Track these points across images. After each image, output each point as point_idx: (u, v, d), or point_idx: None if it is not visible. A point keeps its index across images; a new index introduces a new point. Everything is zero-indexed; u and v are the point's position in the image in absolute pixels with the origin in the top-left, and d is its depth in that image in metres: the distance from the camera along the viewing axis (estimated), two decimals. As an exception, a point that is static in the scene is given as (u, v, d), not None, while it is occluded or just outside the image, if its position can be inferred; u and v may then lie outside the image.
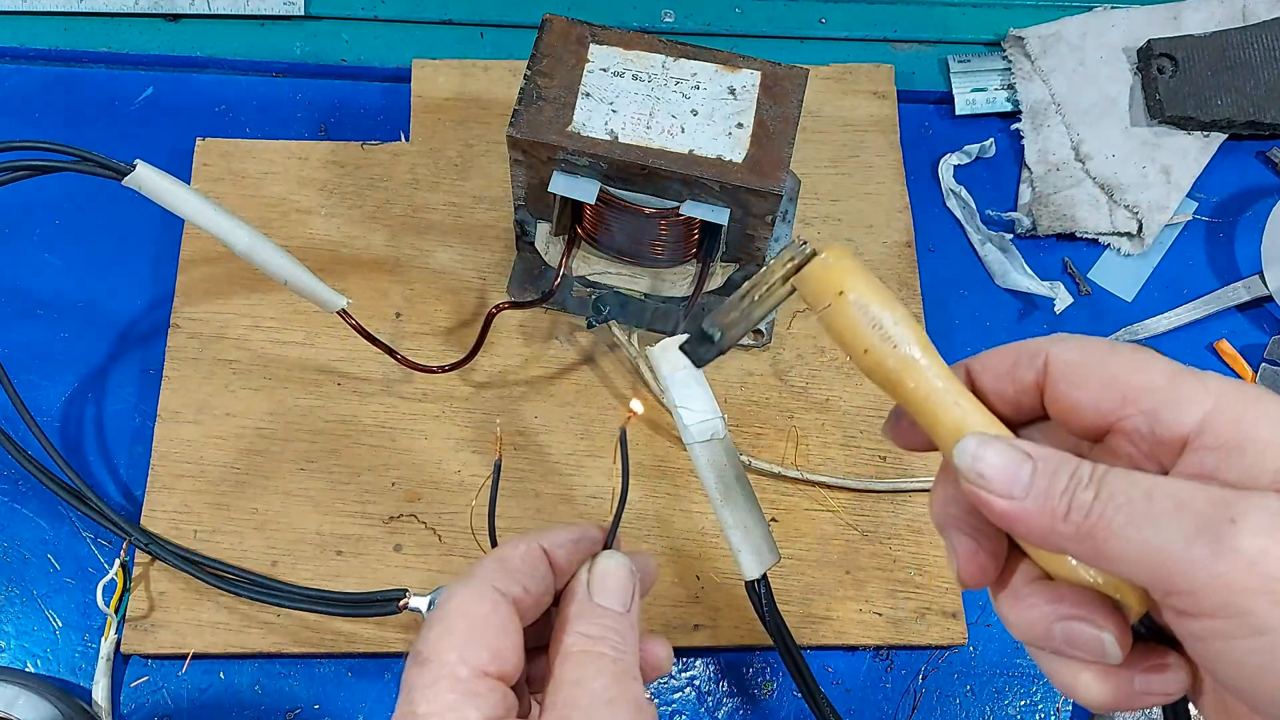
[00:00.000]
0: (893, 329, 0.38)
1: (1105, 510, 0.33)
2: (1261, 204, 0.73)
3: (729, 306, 0.41)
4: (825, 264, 0.39)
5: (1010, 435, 0.38)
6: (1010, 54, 0.77)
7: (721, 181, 0.55)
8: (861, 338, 0.38)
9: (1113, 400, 0.36)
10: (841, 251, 0.39)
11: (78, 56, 0.75)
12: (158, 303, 0.68)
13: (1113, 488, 0.33)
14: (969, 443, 0.36)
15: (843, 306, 0.38)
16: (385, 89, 0.75)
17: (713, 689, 0.61)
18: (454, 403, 0.65)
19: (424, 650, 0.36)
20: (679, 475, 0.64)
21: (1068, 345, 0.37)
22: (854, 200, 0.72)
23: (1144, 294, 0.71)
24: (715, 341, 0.42)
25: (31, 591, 0.62)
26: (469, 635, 0.36)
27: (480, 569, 0.39)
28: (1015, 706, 0.62)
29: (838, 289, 0.39)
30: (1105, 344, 0.37)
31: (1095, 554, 0.34)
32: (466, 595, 0.37)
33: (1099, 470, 0.34)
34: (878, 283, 0.39)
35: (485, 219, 0.70)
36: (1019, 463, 0.35)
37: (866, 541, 0.63)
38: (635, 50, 0.58)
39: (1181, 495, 0.33)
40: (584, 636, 0.38)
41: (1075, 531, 0.34)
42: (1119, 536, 0.33)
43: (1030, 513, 0.35)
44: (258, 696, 0.60)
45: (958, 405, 0.38)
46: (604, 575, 0.40)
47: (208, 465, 0.63)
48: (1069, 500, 0.34)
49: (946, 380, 0.38)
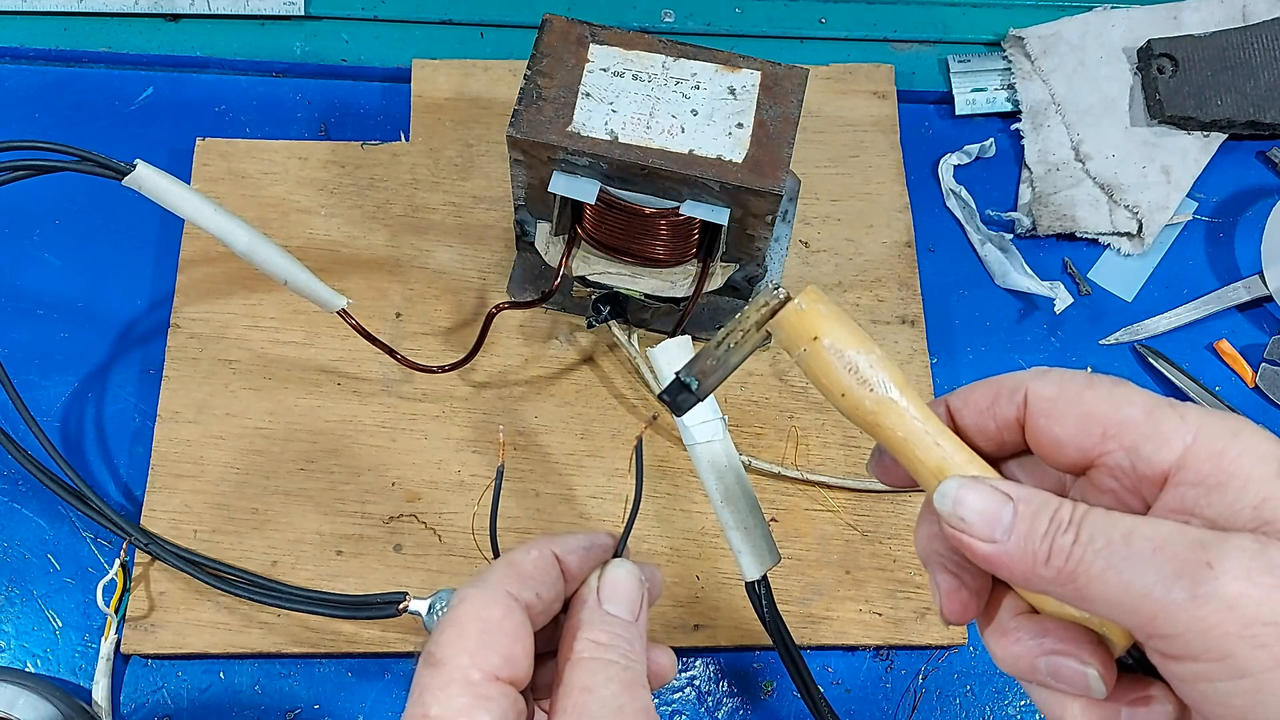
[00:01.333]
0: (868, 372, 0.38)
1: (1085, 554, 0.33)
2: (1261, 204, 0.73)
3: (704, 354, 0.42)
4: (799, 310, 0.39)
5: (992, 474, 0.38)
6: (1010, 54, 0.77)
7: (721, 181, 0.55)
8: (837, 382, 0.39)
9: (1092, 436, 0.36)
10: (815, 295, 0.39)
11: (78, 56, 0.75)
12: (158, 303, 0.68)
13: (1092, 530, 0.34)
14: (949, 486, 0.36)
15: (818, 352, 0.39)
16: (385, 89, 0.75)
17: (713, 689, 0.61)
18: (454, 403, 0.65)
19: (437, 652, 0.36)
20: (679, 475, 0.64)
21: (1046, 380, 0.37)
22: (854, 200, 0.72)
23: (1144, 294, 0.71)
24: (693, 390, 0.42)
25: (31, 591, 0.62)
26: (482, 639, 0.36)
27: (493, 573, 0.39)
28: (1015, 706, 0.62)
29: (812, 334, 0.39)
30: (1083, 378, 0.37)
31: (1077, 596, 0.34)
32: (480, 599, 0.37)
33: (1079, 512, 0.34)
34: (852, 325, 0.39)
35: (485, 219, 0.70)
36: (999, 505, 0.35)
37: (866, 541, 0.63)
38: (635, 50, 0.58)
39: (1160, 538, 0.33)
40: (594, 643, 0.38)
41: (1056, 575, 0.34)
42: (1099, 580, 0.33)
43: (1011, 556, 0.35)
44: (258, 696, 0.60)
45: (937, 445, 0.38)
46: (614, 583, 0.40)
47: (208, 465, 0.63)
48: (1049, 545, 0.34)
49: (925, 420, 0.38)
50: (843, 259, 0.70)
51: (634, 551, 0.62)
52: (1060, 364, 0.69)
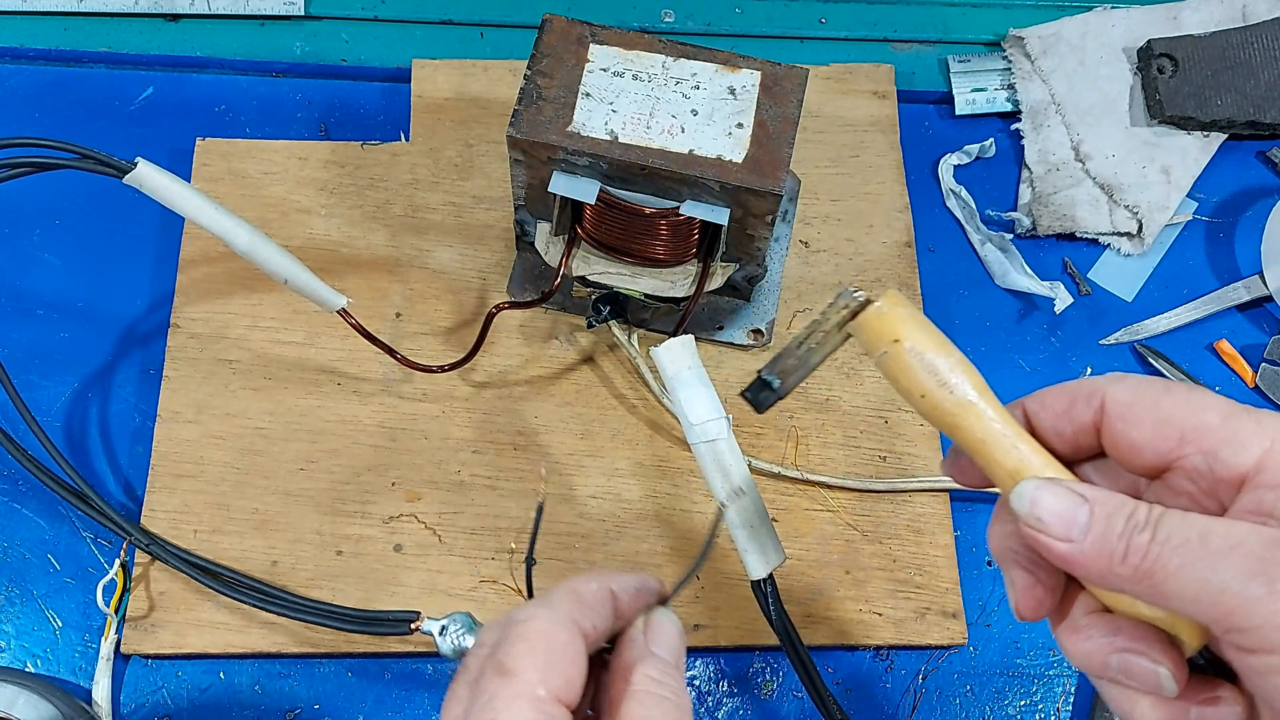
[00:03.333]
0: (948, 375, 0.39)
1: (1162, 552, 0.35)
2: (1261, 204, 0.73)
3: (786, 354, 0.43)
4: (880, 312, 0.40)
5: (1069, 476, 0.39)
6: (1010, 54, 0.77)
7: (721, 181, 0.55)
8: (918, 384, 0.40)
9: (1169, 440, 0.37)
10: (896, 299, 0.41)
11: (78, 56, 0.75)
12: (158, 303, 0.68)
13: (1169, 529, 0.35)
14: (1026, 487, 0.37)
15: (898, 354, 0.40)
16: (385, 89, 0.75)
17: (713, 689, 0.61)
18: (454, 403, 0.65)
19: (508, 663, 0.37)
20: (679, 475, 0.64)
21: (1124, 385, 0.38)
22: (854, 200, 0.72)
23: (1144, 294, 0.71)
24: (775, 389, 0.44)
25: (31, 591, 0.62)
26: (550, 659, 0.37)
27: (559, 599, 0.39)
28: (1015, 706, 0.62)
29: (893, 337, 0.40)
30: (1160, 383, 0.38)
31: (1154, 593, 0.35)
32: (550, 620, 0.38)
33: (1155, 512, 0.35)
34: (932, 328, 0.40)
35: (485, 219, 0.70)
36: (1076, 506, 0.36)
37: (866, 541, 0.63)
38: (635, 50, 0.58)
39: (1236, 536, 0.34)
40: (651, 679, 0.39)
41: (1133, 573, 0.35)
42: (1176, 576, 0.34)
43: (1088, 555, 0.36)
44: (258, 696, 0.60)
45: (1015, 448, 0.39)
46: (659, 629, 0.41)
47: (208, 465, 0.63)
48: (1126, 543, 0.35)
49: (1003, 422, 0.39)
50: (843, 259, 0.70)
51: (635, 552, 0.62)
52: (1059, 364, 0.69)
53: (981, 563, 0.64)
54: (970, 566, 0.64)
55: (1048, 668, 0.62)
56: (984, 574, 0.64)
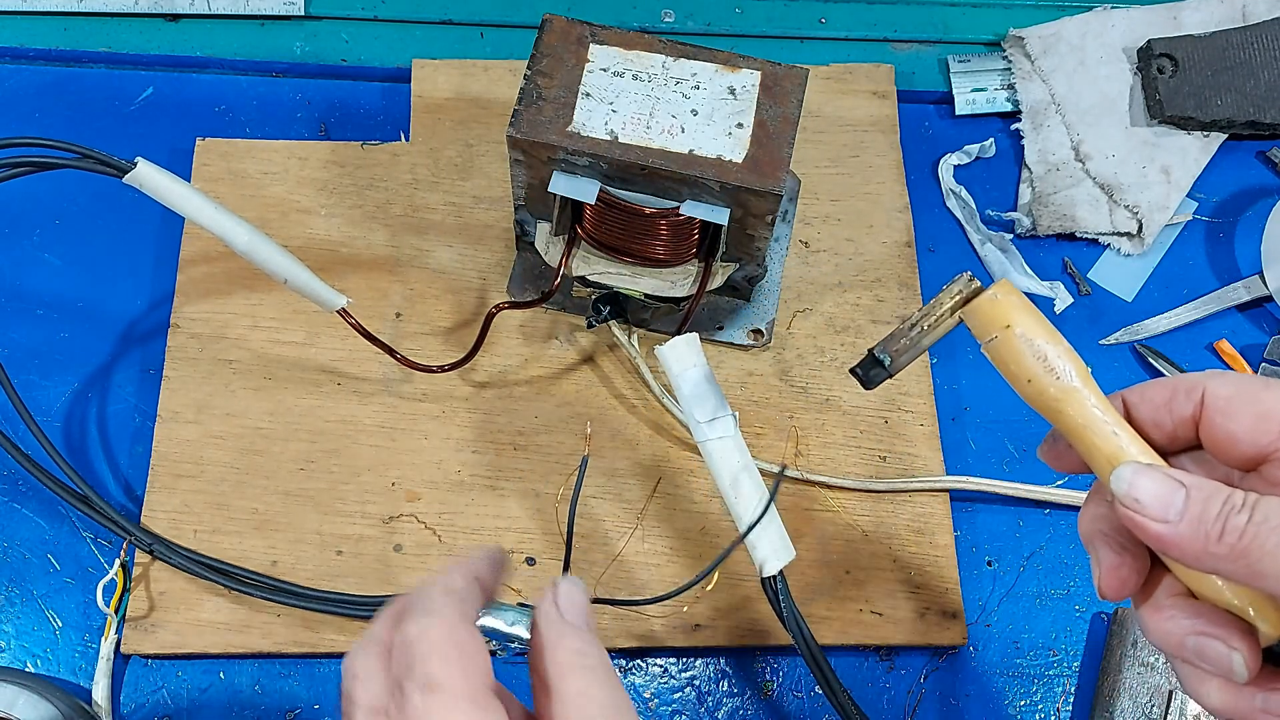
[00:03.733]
0: (1056, 361, 0.42)
1: (1259, 532, 0.36)
2: (1261, 204, 0.73)
3: (898, 334, 0.46)
4: (993, 300, 0.43)
5: (1164, 464, 0.41)
6: (1010, 54, 0.77)
7: (721, 181, 0.55)
8: (1026, 369, 0.42)
9: (1269, 434, 0.39)
10: (1009, 287, 0.43)
11: (78, 56, 0.75)
12: (158, 303, 0.68)
13: (1266, 511, 0.36)
14: (1125, 470, 0.39)
15: (1009, 339, 0.42)
16: (385, 89, 0.75)
17: (713, 689, 0.61)
18: (454, 403, 0.65)
19: (432, 678, 0.37)
20: (679, 475, 0.64)
21: (1224, 380, 0.40)
22: (854, 200, 0.72)
23: (1144, 294, 0.71)
24: (886, 366, 0.46)
25: (31, 591, 0.62)
26: (465, 661, 0.37)
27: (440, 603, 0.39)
28: (1015, 706, 0.62)
29: (1004, 323, 0.42)
30: (1260, 380, 0.40)
31: (1249, 573, 0.36)
32: (444, 627, 0.38)
33: (1252, 496, 0.37)
34: (1042, 317, 0.43)
35: (485, 219, 0.70)
36: (1173, 490, 0.38)
37: (866, 541, 0.63)
38: (635, 50, 0.58)
39: None
40: (576, 653, 0.39)
41: (1229, 552, 0.36)
42: (1273, 555, 0.36)
43: (1184, 536, 0.37)
44: (258, 696, 0.60)
45: (1115, 434, 0.41)
46: (571, 599, 0.42)
47: (208, 465, 0.63)
48: (1223, 524, 0.37)
49: (1105, 410, 0.41)
50: (843, 259, 0.70)
51: (635, 552, 0.62)
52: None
53: (981, 563, 0.64)
54: (970, 566, 0.64)
55: (1048, 668, 0.62)
56: (984, 574, 0.64)
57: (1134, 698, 0.59)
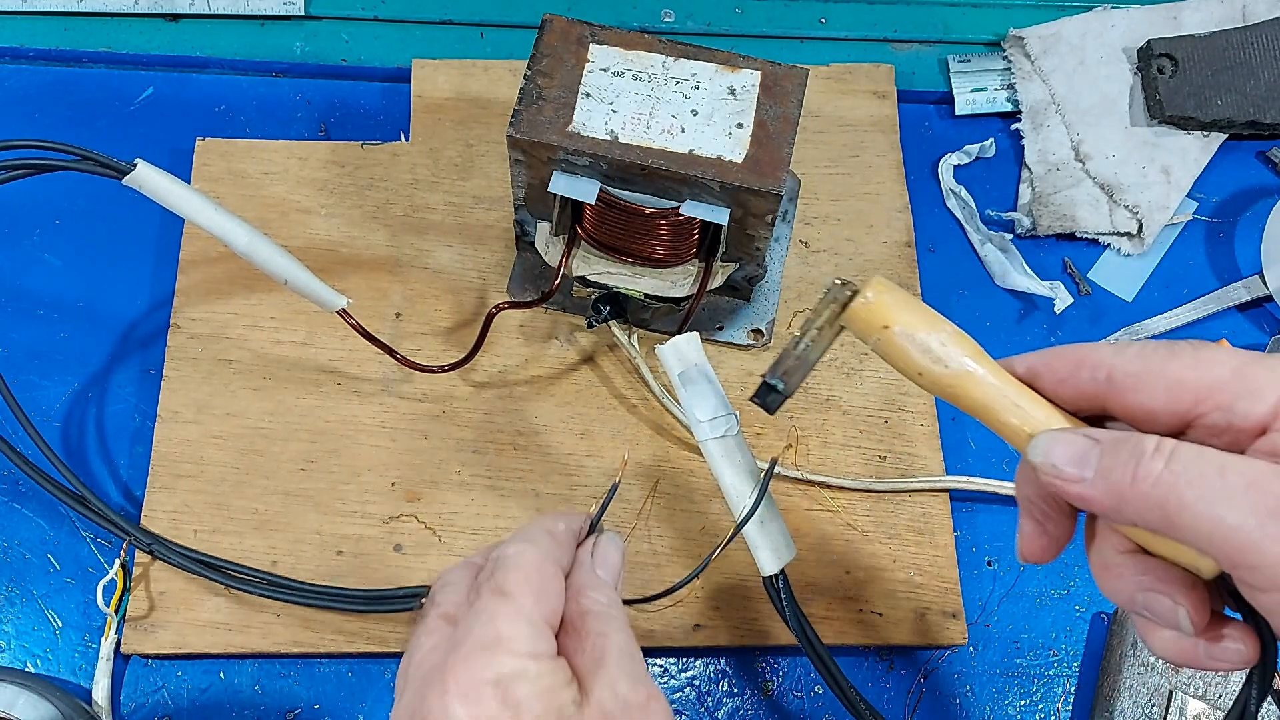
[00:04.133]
0: (940, 350, 0.41)
1: (1177, 482, 0.35)
2: (1261, 204, 0.73)
3: (785, 355, 0.45)
4: (867, 303, 0.42)
5: (1076, 424, 0.40)
6: (1010, 54, 0.77)
7: (721, 181, 0.55)
8: (914, 364, 0.41)
9: (1184, 403, 0.38)
10: (880, 286, 0.42)
11: (78, 56, 0.75)
12: (158, 303, 0.68)
13: (1184, 461, 0.36)
14: (1040, 440, 0.39)
15: (889, 339, 0.42)
16: (385, 89, 0.75)
17: (713, 689, 0.61)
18: (454, 403, 0.65)
19: (507, 587, 0.41)
20: (679, 475, 0.64)
21: (1128, 356, 0.39)
22: (854, 200, 0.72)
23: (1144, 294, 0.71)
24: (780, 390, 0.46)
25: (31, 591, 0.62)
26: (542, 589, 0.41)
27: (539, 537, 0.43)
28: (1015, 706, 0.62)
29: (882, 324, 0.42)
30: (1164, 348, 0.39)
31: (1166, 524, 0.36)
32: (537, 555, 0.42)
33: (1168, 444, 0.36)
34: (920, 307, 0.42)
35: (485, 219, 0.70)
36: (1088, 448, 0.38)
37: (866, 541, 0.63)
38: (635, 50, 0.58)
39: (1253, 474, 0.35)
40: (600, 600, 0.43)
41: (1144, 500, 0.36)
42: (1190, 509, 0.35)
43: (1098, 487, 0.37)
44: (258, 696, 0.60)
45: (1018, 406, 0.41)
46: (606, 554, 0.45)
47: (208, 465, 0.63)
48: (1134, 468, 0.36)
49: (1002, 383, 0.41)
50: (843, 259, 0.70)
51: (635, 552, 0.62)
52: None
53: (981, 563, 0.64)
54: (970, 566, 0.64)
55: (1048, 668, 0.62)
56: (984, 574, 0.64)
57: (1134, 698, 0.59)
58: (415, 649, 0.42)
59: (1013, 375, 0.41)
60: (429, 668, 0.40)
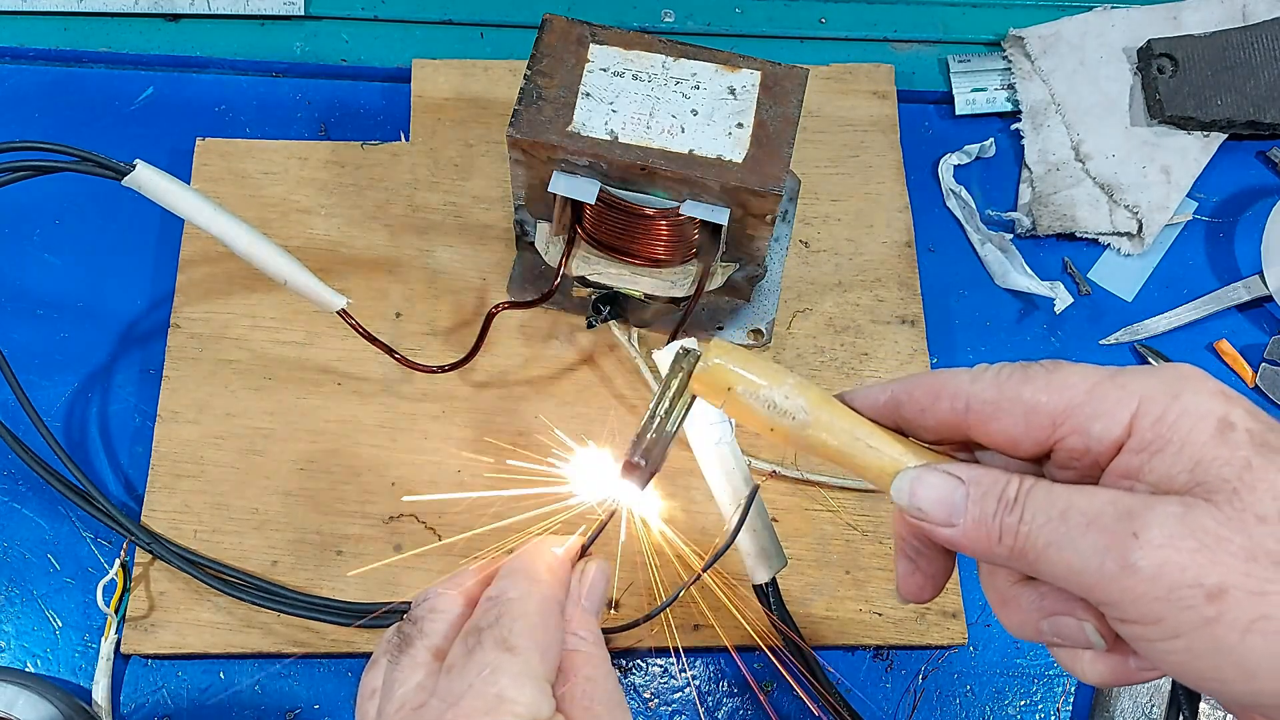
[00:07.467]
0: (785, 404, 0.41)
1: (1030, 532, 0.35)
2: (1261, 204, 0.73)
3: (644, 432, 0.45)
4: (706, 369, 0.42)
5: (935, 457, 0.40)
6: (1010, 54, 0.77)
7: (721, 181, 0.55)
8: (762, 421, 0.42)
9: (1042, 428, 0.37)
10: (718, 349, 0.42)
11: (78, 56, 0.75)
12: (158, 303, 0.68)
13: (1034, 508, 0.36)
14: (902, 480, 0.39)
15: (735, 401, 0.42)
16: (385, 89, 0.75)
17: (713, 689, 0.61)
18: (454, 403, 0.65)
19: (512, 640, 0.40)
20: (679, 475, 0.64)
21: (984, 383, 0.38)
22: (854, 200, 0.72)
23: (1144, 294, 0.71)
24: (644, 467, 0.45)
25: (31, 591, 0.62)
26: (546, 641, 0.41)
27: (544, 578, 0.43)
28: (1015, 706, 0.62)
29: (725, 386, 0.42)
30: (1020, 373, 0.38)
31: (1033, 570, 0.36)
32: (541, 603, 0.41)
33: (1024, 489, 0.36)
34: (761, 365, 0.42)
35: (485, 219, 0.70)
36: (952, 489, 0.37)
37: (866, 541, 0.63)
38: (635, 50, 0.58)
39: (1093, 511, 0.34)
40: (586, 640, 0.42)
41: (1009, 552, 0.36)
42: (1044, 556, 0.35)
43: (970, 538, 0.37)
44: (258, 696, 0.60)
45: (871, 448, 0.40)
46: (593, 585, 0.45)
47: (208, 465, 0.63)
48: (999, 524, 0.36)
49: (852, 427, 0.41)
50: (843, 259, 0.70)
51: (635, 552, 0.62)
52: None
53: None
54: (970, 566, 0.64)
55: (1048, 668, 0.62)
56: (984, 574, 0.64)
57: (1134, 698, 0.59)
58: (397, 683, 0.40)
59: (877, 404, 0.41)
60: (415, 710, 0.39)
